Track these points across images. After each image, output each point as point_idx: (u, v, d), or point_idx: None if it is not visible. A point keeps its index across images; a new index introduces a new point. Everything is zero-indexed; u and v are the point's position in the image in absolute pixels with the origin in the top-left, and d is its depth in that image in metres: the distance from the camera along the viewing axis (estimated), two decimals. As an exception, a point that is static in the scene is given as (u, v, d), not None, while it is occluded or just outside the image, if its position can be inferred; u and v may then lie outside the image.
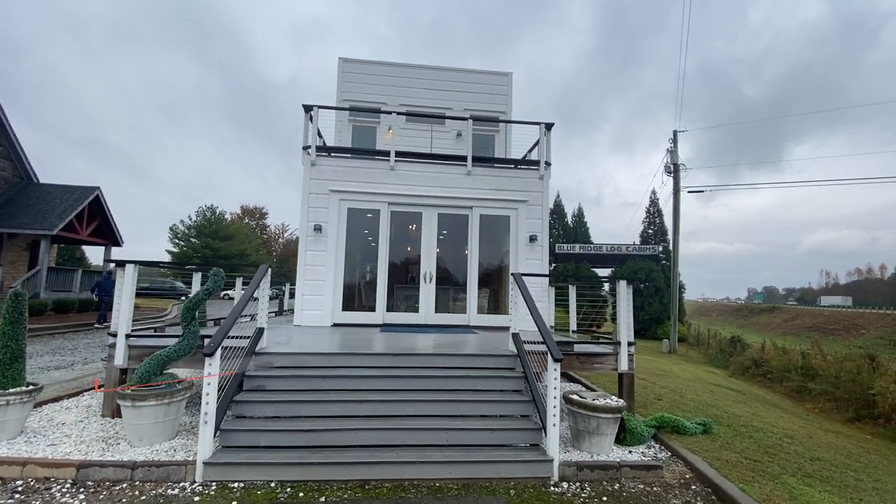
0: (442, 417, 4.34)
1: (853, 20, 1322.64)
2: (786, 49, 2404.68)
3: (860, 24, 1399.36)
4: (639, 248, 33.76)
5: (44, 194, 16.16)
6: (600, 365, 5.56)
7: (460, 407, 4.46)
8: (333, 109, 9.09)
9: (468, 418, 4.38)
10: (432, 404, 4.43)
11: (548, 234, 8.99)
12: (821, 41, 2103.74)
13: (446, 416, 4.37)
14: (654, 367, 12.75)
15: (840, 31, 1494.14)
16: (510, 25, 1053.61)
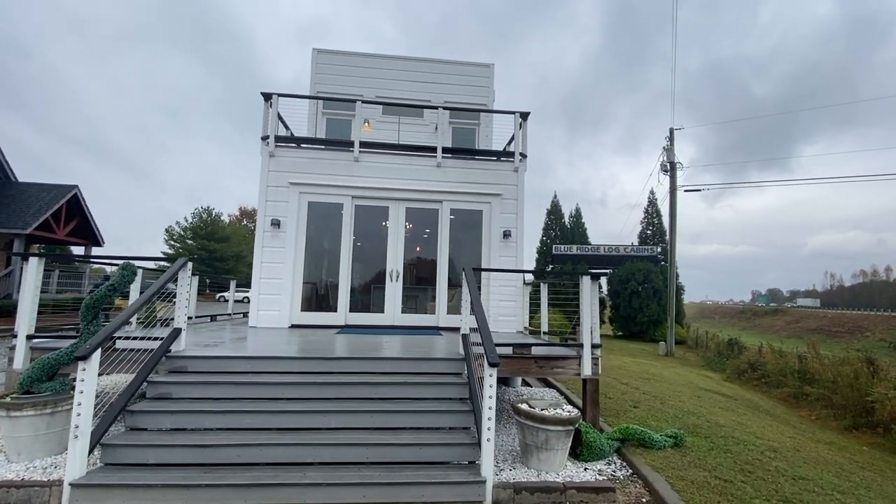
0: (369, 431, 3.82)
1: (864, 18, 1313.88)
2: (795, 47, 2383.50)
3: (870, 22, 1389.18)
4: (637, 248, 33.15)
5: (20, 193, 15.78)
6: (561, 370, 5.02)
7: (393, 418, 3.94)
8: (297, 98, 8.62)
9: (399, 431, 3.85)
10: (361, 415, 3.90)
11: (523, 230, 8.46)
12: (830, 39, 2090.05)
13: (374, 430, 3.84)
14: (644, 370, 12.18)
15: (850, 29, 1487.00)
16: (517, 25, 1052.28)
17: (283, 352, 4.70)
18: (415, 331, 7.59)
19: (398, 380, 4.27)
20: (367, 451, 3.58)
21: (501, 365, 4.87)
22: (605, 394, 7.31)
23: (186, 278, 4.62)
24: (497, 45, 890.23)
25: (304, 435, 3.67)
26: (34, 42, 73.26)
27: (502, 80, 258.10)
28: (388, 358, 4.56)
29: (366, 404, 4.01)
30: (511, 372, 4.94)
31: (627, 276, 30.57)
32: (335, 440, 3.62)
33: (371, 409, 3.93)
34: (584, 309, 5.05)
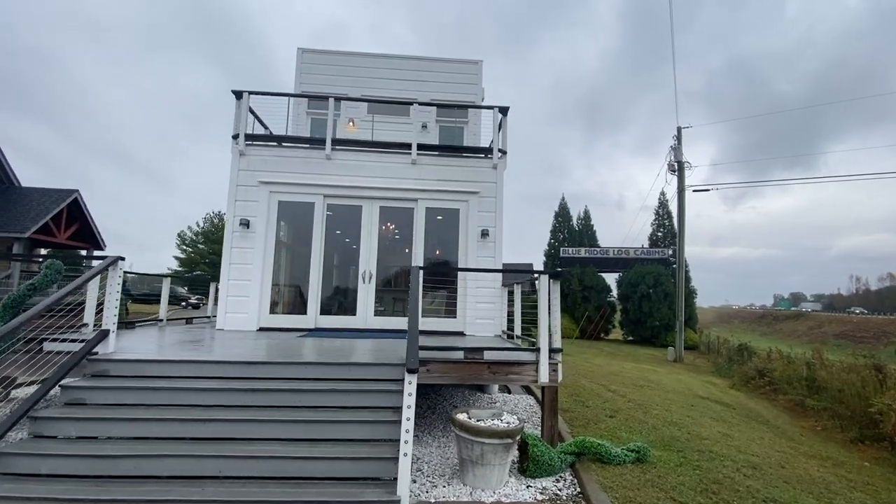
0: (285, 442, 3.52)
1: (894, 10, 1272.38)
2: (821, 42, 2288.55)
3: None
4: (647, 251, 32.33)
5: (22, 197, 16.05)
6: (517, 376, 4.65)
7: (314, 429, 3.63)
8: (270, 95, 8.42)
9: (318, 443, 3.54)
10: (280, 425, 3.61)
11: (502, 229, 8.10)
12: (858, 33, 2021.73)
13: (292, 441, 3.54)
14: (642, 377, 11.64)
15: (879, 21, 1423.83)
16: (533, 26, 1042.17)
17: (217, 356, 4.45)
18: (387, 334, 7.29)
19: (327, 387, 3.97)
20: (277, 464, 3.28)
21: (450, 371, 4.55)
22: (584, 402, 6.89)
23: (116, 278, 4.42)
24: (512, 47, 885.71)
25: (214, 445, 3.39)
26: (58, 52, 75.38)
27: (517, 82, 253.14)
28: (320, 363, 4.26)
29: (287, 413, 3.72)
30: (461, 378, 4.59)
31: (637, 279, 29.80)
32: (245, 452, 3.33)
33: (291, 419, 3.63)
34: (541, 310, 4.68)
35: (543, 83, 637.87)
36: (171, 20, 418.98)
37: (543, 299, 4.69)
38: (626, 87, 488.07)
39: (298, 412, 3.75)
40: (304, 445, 3.47)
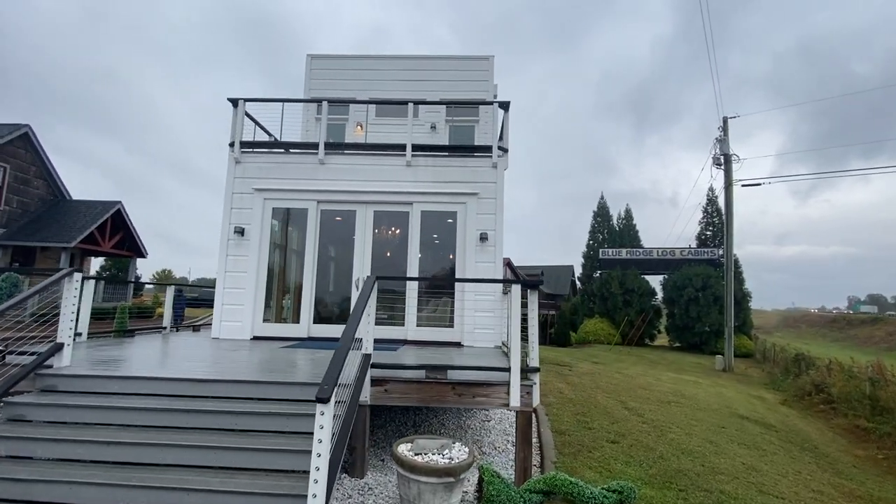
0: (204, 470, 3.24)
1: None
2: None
3: None
4: (695, 251, 30.22)
5: (71, 209, 17.24)
6: (485, 398, 4.14)
7: (245, 457, 3.33)
8: (264, 101, 8.37)
9: (239, 473, 3.23)
10: (203, 451, 3.33)
11: (503, 233, 7.57)
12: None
13: (212, 469, 3.25)
14: (676, 390, 10.63)
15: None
16: (579, 18, 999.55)
17: (165, 373, 4.27)
18: (379, 345, 6.96)
19: (266, 409, 3.66)
20: (187, 497, 3.00)
21: (410, 392, 4.13)
22: (589, 422, 6.22)
23: (72, 290, 4.35)
24: (557, 42, 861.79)
25: (129, 472, 3.17)
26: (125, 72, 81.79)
27: (562, 78, 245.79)
28: (277, 383, 3.96)
29: (215, 437, 3.44)
30: (422, 400, 4.15)
31: (684, 281, 27.90)
32: (158, 481, 3.07)
33: (217, 445, 3.35)
34: (512, 326, 4.15)
35: (590, 78, 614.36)
36: (225, 37, 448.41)
37: (515, 313, 4.16)
38: (679, 77, 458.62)
39: (228, 436, 3.46)
40: (222, 475, 3.17)
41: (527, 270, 53.58)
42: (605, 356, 20.71)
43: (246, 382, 3.94)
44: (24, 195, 16.54)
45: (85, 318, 6.42)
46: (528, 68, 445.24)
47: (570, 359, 16.00)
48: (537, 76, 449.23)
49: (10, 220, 15.92)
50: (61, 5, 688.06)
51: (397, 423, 5.85)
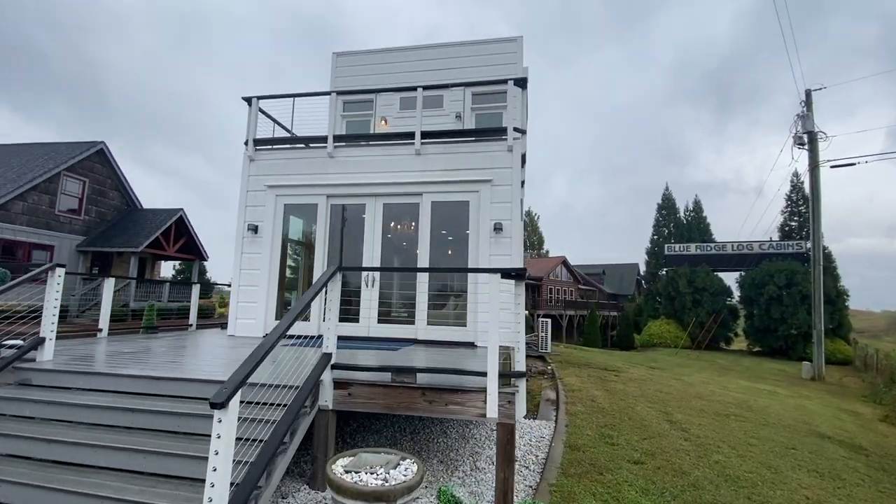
0: (131, 476, 2.98)
1: None
2: None
3: None
4: (777, 245, 26.97)
5: (141, 217, 18.76)
6: (458, 406, 3.55)
7: (172, 464, 3.03)
8: (275, 98, 8.29)
9: (166, 482, 2.93)
10: (134, 455, 3.08)
11: (520, 222, 6.88)
12: None
13: (138, 475, 2.99)
14: (742, 401, 9.23)
15: None
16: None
17: (132, 370, 4.13)
18: (389, 344, 6.57)
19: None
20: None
21: (377, 397, 3.66)
22: (614, 437, 5.36)
23: (54, 285, 4.37)
24: (626, 26, 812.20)
25: (56, 472, 2.99)
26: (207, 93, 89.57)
27: (629, 65, 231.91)
28: (216, 382, 3.66)
29: (154, 440, 3.18)
30: (388, 406, 3.65)
31: (764, 278, 24.92)
32: (76, 485, 2.85)
33: (150, 450, 3.08)
34: (491, 322, 3.53)
35: (664, 62, 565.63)
36: (291, 52, 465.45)
37: (495, 307, 3.54)
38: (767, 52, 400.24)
39: (168, 439, 3.20)
40: (145, 482, 2.89)
41: (586, 269, 51.19)
42: (666, 360, 18.89)
43: (200, 381, 3.68)
44: (101, 205, 18.24)
45: (105, 314, 6.65)
46: (591, 58, 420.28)
47: (622, 363, 14.68)
48: (602, 66, 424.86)
49: (89, 228, 17.62)
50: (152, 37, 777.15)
51: (393, 430, 5.40)
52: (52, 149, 17.55)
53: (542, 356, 13.55)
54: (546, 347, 14.13)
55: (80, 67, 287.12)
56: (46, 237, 16.04)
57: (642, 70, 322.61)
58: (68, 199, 17.02)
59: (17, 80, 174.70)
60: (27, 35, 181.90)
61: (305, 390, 3.31)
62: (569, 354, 15.21)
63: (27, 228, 15.47)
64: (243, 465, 2.77)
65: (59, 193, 16.60)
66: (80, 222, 17.38)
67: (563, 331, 33.47)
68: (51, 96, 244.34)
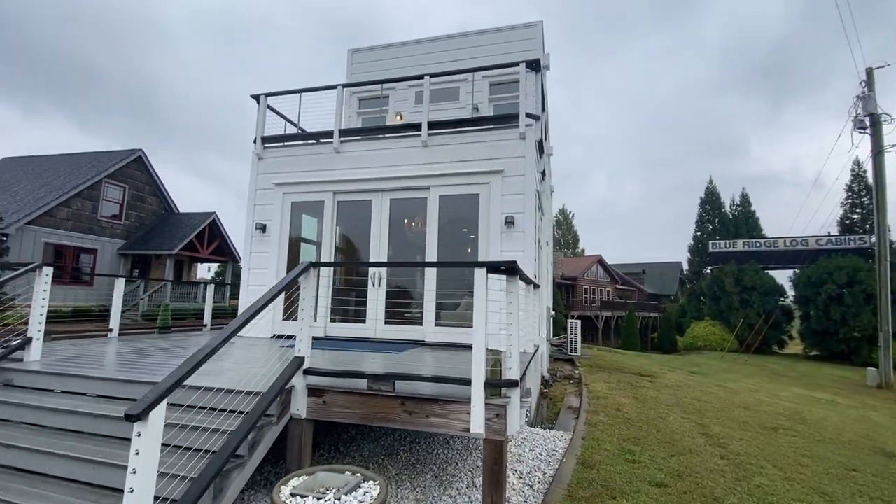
0: (56, 483, 2.75)
1: None
2: None
3: None
4: (837, 239, 24.75)
5: (177, 221, 19.44)
6: (440, 419, 3.14)
7: (97, 473, 2.79)
8: (283, 94, 8.14)
9: (87, 490, 2.68)
10: (69, 462, 2.86)
11: (533, 216, 6.38)
12: None
13: (66, 482, 2.76)
14: (795, 411, 8.30)
15: None
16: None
17: (107, 372, 3.97)
18: (397, 345, 6.24)
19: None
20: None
21: (353, 406, 3.31)
22: (637, 452, 4.77)
23: (42, 285, 4.29)
24: (669, 12, 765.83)
25: (6, 480, 2.80)
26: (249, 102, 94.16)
27: (678, 52, 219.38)
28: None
29: (94, 446, 2.96)
30: (365, 416, 3.28)
31: (822, 276, 22.90)
32: (20, 496, 2.65)
33: (104, 461, 2.85)
34: (477, 323, 3.10)
35: (711, 48, 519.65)
36: (327, 56, 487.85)
37: (480, 307, 3.11)
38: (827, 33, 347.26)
39: (111, 446, 2.96)
40: (86, 494, 2.65)
41: (625, 269, 49.23)
42: (710, 365, 17.59)
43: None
44: (140, 210, 19.03)
45: (115, 315, 6.68)
46: (632, 48, 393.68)
47: (659, 367, 13.73)
48: (643, 56, 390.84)
49: (129, 232, 18.40)
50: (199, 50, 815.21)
51: (391, 439, 5.04)
52: (95, 157, 18.48)
53: (571, 359, 12.86)
54: (576, 350, 13.42)
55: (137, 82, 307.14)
56: (89, 241, 16.85)
57: (687, 58, 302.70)
58: (110, 205, 17.83)
59: (82, 97, 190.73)
60: (92, 55, 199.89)
61: (268, 397, 2.99)
62: (601, 358, 14.40)
63: (72, 233, 16.30)
64: (186, 482, 2.48)
65: (101, 199, 17.42)
66: (120, 227, 18.19)
67: (598, 333, 32.21)
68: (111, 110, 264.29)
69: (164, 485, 2.57)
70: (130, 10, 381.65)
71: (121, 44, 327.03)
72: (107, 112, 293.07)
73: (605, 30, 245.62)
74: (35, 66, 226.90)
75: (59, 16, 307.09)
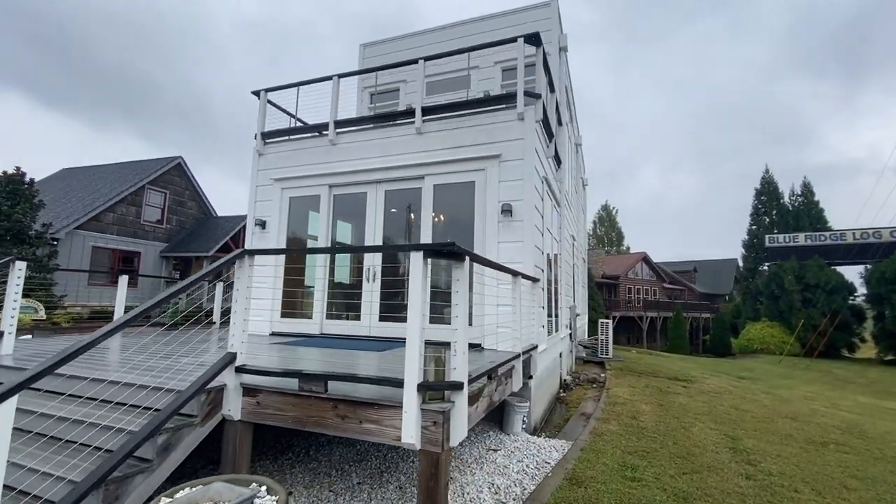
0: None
1: None
2: None
3: None
4: (917, 230, 22.00)
5: (214, 224, 20.21)
6: (374, 425, 2.74)
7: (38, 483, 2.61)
8: (282, 89, 8.02)
9: (12, 500, 2.50)
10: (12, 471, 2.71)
11: (534, 204, 5.83)
12: None
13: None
14: (855, 423, 7.24)
15: None
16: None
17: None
18: (390, 343, 5.91)
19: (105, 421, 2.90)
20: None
21: (287, 407, 3.00)
22: (638, 470, 4.15)
23: (14, 279, 4.31)
24: None
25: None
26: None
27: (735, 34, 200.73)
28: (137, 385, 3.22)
29: (39, 451, 2.80)
30: (297, 420, 2.95)
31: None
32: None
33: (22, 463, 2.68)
34: (412, 314, 2.69)
35: (773, 28, 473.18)
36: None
37: (415, 293, 2.70)
38: None
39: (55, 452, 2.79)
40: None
41: (675, 267, 46.53)
42: (764, 370, 16.00)
43: (117, 384, 3.27)
44: (181, 214, 19.93)
45: (119, 311, 6.79)
46: (684, 33, 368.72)
47: (702, 371, 12.58)
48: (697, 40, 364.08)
49: (170, 235, 19.31)
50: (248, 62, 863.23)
51: (367, 444, 4.69)
52: (138, 165, 19.57)
53: (602, 362, 12.03)
54: (606, 352, 12.56)
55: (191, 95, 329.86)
56: (133, 244, 17.81)
57: (745, 41, 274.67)
58: (152, 210, 18.79)
59: (144, 111, 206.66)
60: (148, 71, 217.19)
61: (184, 396, 2.72)
62: (636, 361, 13.41)
63: (117, 237, 17.29)
64: (70, 486, 2.24)
65: (144, 205, 18.39)
66: (162, 230, 19.13)
67: (643, 335, 30.47)
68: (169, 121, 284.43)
69: (50, 485, 2.35)
70: (184, 28, 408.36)
71: (176, 59, 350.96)
72: (165, 123, 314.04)
73: (654, 15, 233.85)
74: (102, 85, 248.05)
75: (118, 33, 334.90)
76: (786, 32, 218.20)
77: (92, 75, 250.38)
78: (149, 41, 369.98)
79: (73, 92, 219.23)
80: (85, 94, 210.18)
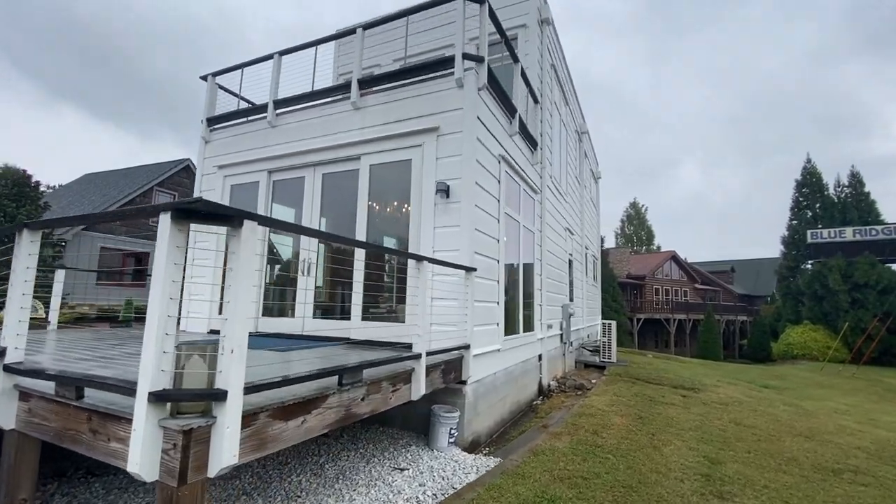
0: None
1: None
2: None
3: None
4: None
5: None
6: (121, 444, 2.06)
7: None
8: (231, 71, 7.54)
9: None
10: None
11: (477, 181, 5.04)
12: None
13: None
14: (890, 445, 5.93)
15: None
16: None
17: None
18: (321, 343, 5.27)
19: None
20: None
21: (52, 416, 2.37)
22: (626, 499, 3.27)
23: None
24: None
25: None
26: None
27: (783, 16, 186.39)
28: None
29: None
30: (56, 434, 2.31)
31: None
32: None
33: None
34: (153, 299, 2.01)
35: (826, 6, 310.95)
36: None
37: (159, 269, 2.02)
38: None
39: None
40: None
41: (710, 266, 43.80)
42: (799, 378, 14.29)
43: None
44: (188, 216, 20.17)
45: (55, 307, 6.48)
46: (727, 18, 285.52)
47: (719, 379, 11.24)
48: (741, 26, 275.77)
49: (178, 237, 19.53)
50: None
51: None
52: (149, 168, 19.94)
53: (602, 366, 10.95)
54: (609, 356, 11.48)
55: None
56: (140, 245, 18.08)
57: (794, 24, 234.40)
58: (160, 212, 19.08)
59: (184, 119, 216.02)
60: (185, 80, 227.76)
61: None
62: (644, 365, 12.18)
63: (126, 238, 17.59)
64: None
65: (152, 206, 18.69)
66: (170, 232, 19.38)
67: (670, 338, 28.55)
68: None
69: None
70: (220, 37, 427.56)
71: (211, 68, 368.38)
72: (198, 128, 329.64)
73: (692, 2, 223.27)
74: (148, 96, 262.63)
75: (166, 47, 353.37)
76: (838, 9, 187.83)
77: (139, 87, 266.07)
78: (193, 53, 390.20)
79: (121, 104, 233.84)
80: (133, 105, 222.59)
